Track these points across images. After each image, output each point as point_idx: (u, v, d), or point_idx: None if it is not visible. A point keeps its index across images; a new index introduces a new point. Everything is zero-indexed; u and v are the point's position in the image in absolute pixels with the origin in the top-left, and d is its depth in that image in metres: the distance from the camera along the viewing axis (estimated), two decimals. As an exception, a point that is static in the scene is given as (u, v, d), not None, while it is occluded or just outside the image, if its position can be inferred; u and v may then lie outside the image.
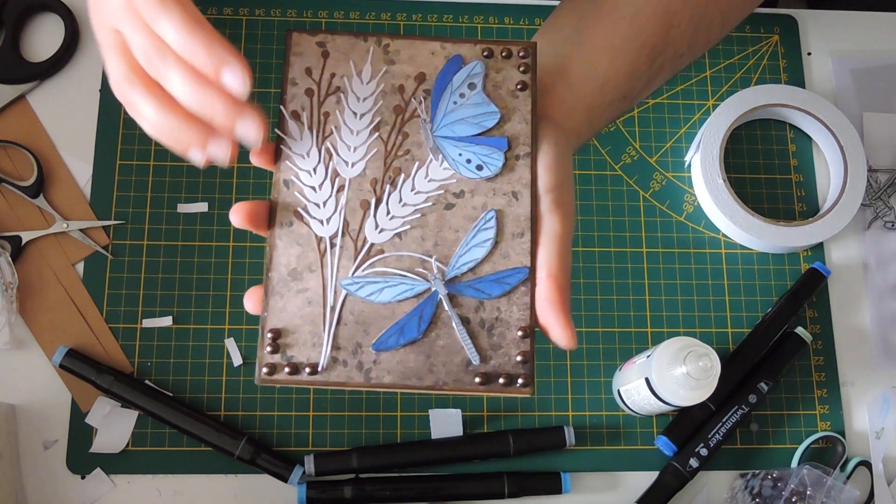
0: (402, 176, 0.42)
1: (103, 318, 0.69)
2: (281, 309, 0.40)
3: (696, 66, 0.80)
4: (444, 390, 0.40)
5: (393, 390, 0.41)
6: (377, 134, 0.43)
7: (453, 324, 0.41)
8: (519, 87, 0.44)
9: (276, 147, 0.42)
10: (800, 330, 0.72)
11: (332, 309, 0.40)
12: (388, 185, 0.42)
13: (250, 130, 0.38)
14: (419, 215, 0.42)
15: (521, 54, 0.44)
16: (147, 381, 0.68)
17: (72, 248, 0.71)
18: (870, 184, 0.77)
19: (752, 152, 0.78)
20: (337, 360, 0.40)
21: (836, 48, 0.82)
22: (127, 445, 0.67)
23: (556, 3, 0.53)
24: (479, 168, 0.42)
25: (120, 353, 0.69)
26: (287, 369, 0.40)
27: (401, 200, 0.42)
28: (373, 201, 0.42)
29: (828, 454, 0.70)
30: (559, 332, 0.41)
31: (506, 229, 0.42)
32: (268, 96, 0.75)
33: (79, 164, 0.73)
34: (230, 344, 0.69)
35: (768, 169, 0.78)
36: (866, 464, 0.70)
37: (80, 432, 0.67)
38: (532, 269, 0.41)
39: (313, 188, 0.42)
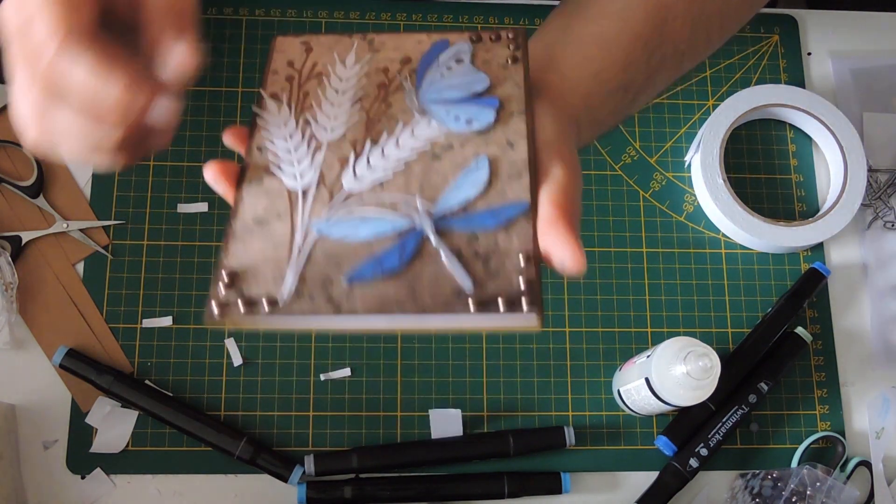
0: (385, 135, 0.38)
1: (103, 318, 0.69)
2: (242, 252, 0.35)
3: (696, 66, 0.80)
4: (430, 314, 0.32)
5: (369, 327, 0.33)
6: (359, 105, 0.40)
7: (441, 253, 0.34)
8: (510, 60, 0.41)
9: (252, 122, 0.41)
10: (800, 330, 0.72)
11: (301, 250, 0.35)
12: (369, 142, 0.38)
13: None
14: (403, 167, 0.37)
15: (510, 36, 0.42)
16: (147, 381, 0.68)
17: (72, 248, 0.71)
18: (870, 184, 0.77)
19: (752, 152, 0.78)
20: (302, 294, 0.33)
21: (836, 48, 0.82)
22: (127, 445, 0.67)
23: (557, 2, 0.54)
24: (469, 122, 0.38)
25: (120, 353, 0.69)
26: (242, 305, 0.33)
27: (383, 154, 0.38)
28: (352, 156, 0.38)
29: (828, 454, 0.70)
30: (565, 253, 0.35)
31: (501, 172, 0.36)
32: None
33: (79, 164, 0.73)
34: (230, 344, 0.69)
35: (768, 169, 0.78)
36: (866, 464, 0.70)
37: (80, 432, 0.67)
38: (533, 205, 0.35)
39: (288, 150, 0.39)
